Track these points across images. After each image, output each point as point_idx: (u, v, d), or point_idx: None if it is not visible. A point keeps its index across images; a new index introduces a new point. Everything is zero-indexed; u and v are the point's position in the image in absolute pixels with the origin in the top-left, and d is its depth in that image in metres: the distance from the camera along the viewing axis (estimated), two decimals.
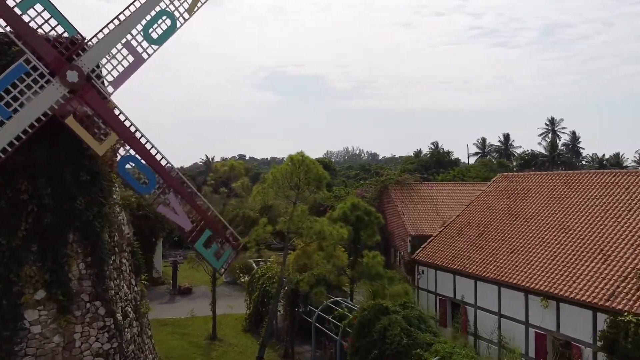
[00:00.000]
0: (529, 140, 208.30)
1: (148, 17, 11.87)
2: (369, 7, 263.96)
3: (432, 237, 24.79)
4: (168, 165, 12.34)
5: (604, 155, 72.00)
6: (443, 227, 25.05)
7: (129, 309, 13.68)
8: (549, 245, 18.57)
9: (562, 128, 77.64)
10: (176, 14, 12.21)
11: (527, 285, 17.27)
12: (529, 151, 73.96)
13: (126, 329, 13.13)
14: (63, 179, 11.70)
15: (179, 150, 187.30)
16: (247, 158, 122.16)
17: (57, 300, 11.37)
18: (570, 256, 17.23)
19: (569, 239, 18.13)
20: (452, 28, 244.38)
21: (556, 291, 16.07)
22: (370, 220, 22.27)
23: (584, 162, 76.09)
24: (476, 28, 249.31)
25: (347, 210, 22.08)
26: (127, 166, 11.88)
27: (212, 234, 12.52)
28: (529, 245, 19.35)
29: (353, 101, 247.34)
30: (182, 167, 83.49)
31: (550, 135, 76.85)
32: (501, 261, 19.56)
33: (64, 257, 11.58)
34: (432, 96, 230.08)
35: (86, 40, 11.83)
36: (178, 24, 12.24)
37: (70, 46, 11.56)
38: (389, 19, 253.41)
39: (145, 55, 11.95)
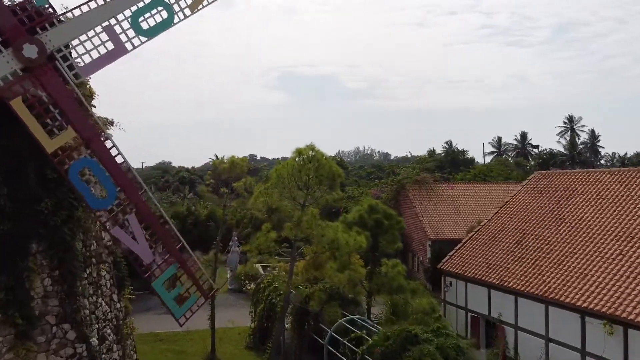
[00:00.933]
0: (544, 139, 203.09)
1: (140, 4, 10.14)
2: (381, 6, 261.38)
3: (461, 244, 22.18)
4: (135, 178, 10.07)
5: (625, 153, 69.39)
6: (473, 232, 22.44)
7: (108, 331, 11.75)
8: (607, 256, 15.90)
9: (581, 126, 75.14)
10: (175, 7, 10.45)
11: (585, 305, 14.60)
12: (547, 150, 71.66)
13: (104, 355, 11.22)
14: (25, 176, 9.88)
15: (190, 151, 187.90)
16: (258, 158, 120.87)
17: (15, 324, 9.58)
18: (637, 271, 14.49)
19: (632, 250, 15.41)
20: (464, 27, 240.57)
21: (623, 315, 13.39)
22: (391, 225, 20.28)
23: (602, 162, 73.49)
24: (489, 27, 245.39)
25: (364, 213, 20.08)
26: (82, 171, 9.64)
27: (177, 272, 10.22)
28: (581, 256, 16.69)
29: (364, 101, 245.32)
30: (193, 167, 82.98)
31: (569, 133, 74.29)
32: (547, 274, 16.92)
33: (24, 271, 9.78)
34: (445, 95, 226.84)
35: (57, 14, 10.09)
36: (176, 19, 10.43)
37: (35, 16, 9.74)
38: (401, 18, 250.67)
39: (129, 46, 10.14)
